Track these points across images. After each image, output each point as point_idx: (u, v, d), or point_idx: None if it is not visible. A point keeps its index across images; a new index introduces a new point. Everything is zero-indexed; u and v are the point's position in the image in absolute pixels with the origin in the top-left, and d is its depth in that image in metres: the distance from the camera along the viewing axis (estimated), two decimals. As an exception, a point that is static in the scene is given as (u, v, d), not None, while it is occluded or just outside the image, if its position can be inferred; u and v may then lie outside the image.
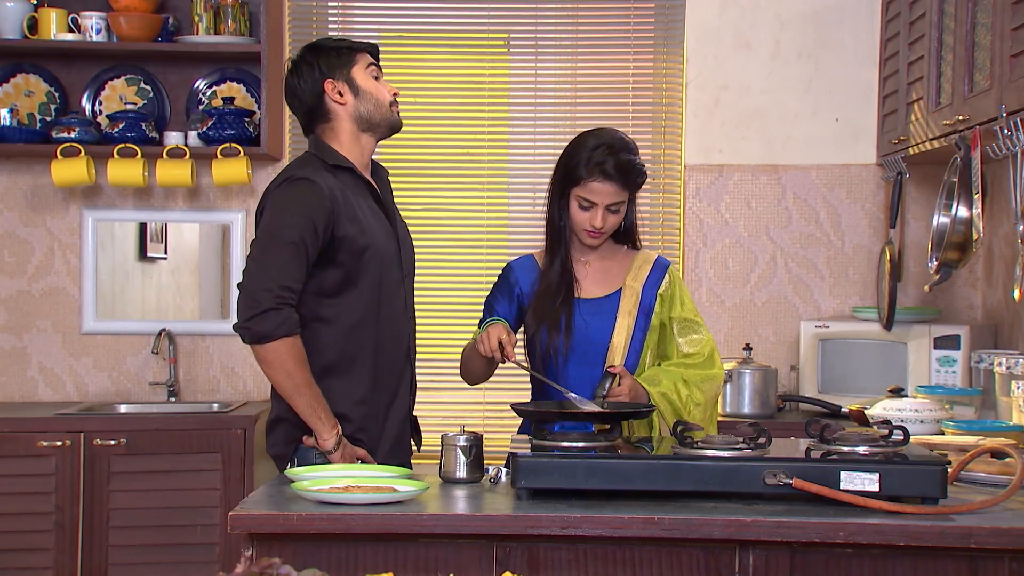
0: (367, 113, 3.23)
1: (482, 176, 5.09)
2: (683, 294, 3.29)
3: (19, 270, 5.00)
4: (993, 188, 3.93)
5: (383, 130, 3.28)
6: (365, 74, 3.24)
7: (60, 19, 4.76)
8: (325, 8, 5.06)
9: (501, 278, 3.34)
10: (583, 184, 3.16)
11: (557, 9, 5.06)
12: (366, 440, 3.18)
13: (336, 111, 3.23)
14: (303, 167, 3.18)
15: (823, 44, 4.94)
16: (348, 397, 3.16)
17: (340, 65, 3.22)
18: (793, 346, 4.90)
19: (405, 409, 3.29)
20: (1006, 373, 3.81)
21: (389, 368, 3.23)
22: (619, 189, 3.16)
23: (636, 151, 3.21)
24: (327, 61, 3.22)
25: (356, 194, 3.18)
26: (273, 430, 3.21)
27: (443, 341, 5.04)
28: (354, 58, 3.24)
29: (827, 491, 2.57)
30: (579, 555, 2.56)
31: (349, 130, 3.24)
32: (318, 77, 3.22)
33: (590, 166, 3.14)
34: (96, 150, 4.75)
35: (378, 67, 3.30)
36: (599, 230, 3.19)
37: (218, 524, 4.39)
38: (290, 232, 3.04)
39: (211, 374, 5.03)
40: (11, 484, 4.39)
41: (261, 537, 2.56)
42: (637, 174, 3.18)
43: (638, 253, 3.32)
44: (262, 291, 3.00)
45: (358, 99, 3.22)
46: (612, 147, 3.16)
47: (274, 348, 3.01)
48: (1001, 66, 3.32)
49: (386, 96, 3.25)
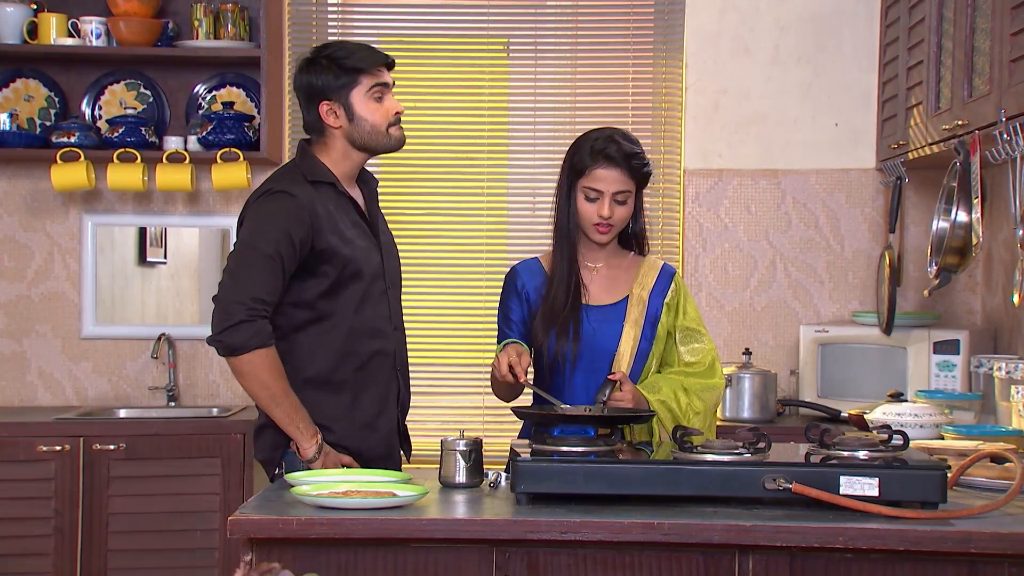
0: (360, 138, 3.20)
1: (481, 182, 5.09)
2: (687, 303, 3.29)
3: (19, 275, 5.00)
4: (992, 193, 3.93)
5: (382, 151, 3.27)
6: (365, 98, 3.19)
7: (60, 24, 4.77)
8: (325, 13, 5.06)
9: (507, 283, 3.32)
10: (588, 173, 3.16)
11: (557, 14, 5.07)
12: (351, 452, 3.18)
13: (330, 130, 3.21)
14: (283, 179, 3.17)
15: (822, 49, 4.94)
16: (330, 410, 3.16)
17: (339, 87, 3.17)
18: (793, 351, 4.90)
19: (393, 422, 3.29)
20: (1005, 378, 3.81)
21: (374, 381, 3.22)
22: (624, 176, 3.16)
23: (639, 144, 3.22)
24: (326, 80, 3.17)
25: (337, 207, 3.17)
26: (260, 435, 3.21)
27: (442, 347, 5.05)
28: (356, 80, 3.17)
29: (827, 496, 2.57)
30: (579, 560, 2.56)
31: (341, 147, 3.22)
32: (314, 95, 3.19)
33: (594, 153, 3.16)
34: (96, 155, 4.75)
35: (387, 85, 3.22)
36: (607, 220, 3.17)
37: (217, 529, 4.38)
38: (266, 245, 3.04)
39: (211, 379, 5.03)
40: (10, 489, 4.38)
41: (260, 542, 2.56)
42: (641, 164, 3.19)
43: (644, 259, 3.31)
44: (235, 303, 3.00)
45: (353, 124, 3.19)
46: (616, 136, 3.19)
47: (248, 360, 3.01)
48: (1000, 71, 3.32)
49: (382, 121, 3.20)
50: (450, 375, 5.01)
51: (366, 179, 3.36)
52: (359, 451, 3.18)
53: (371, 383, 3.21)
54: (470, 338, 4.99)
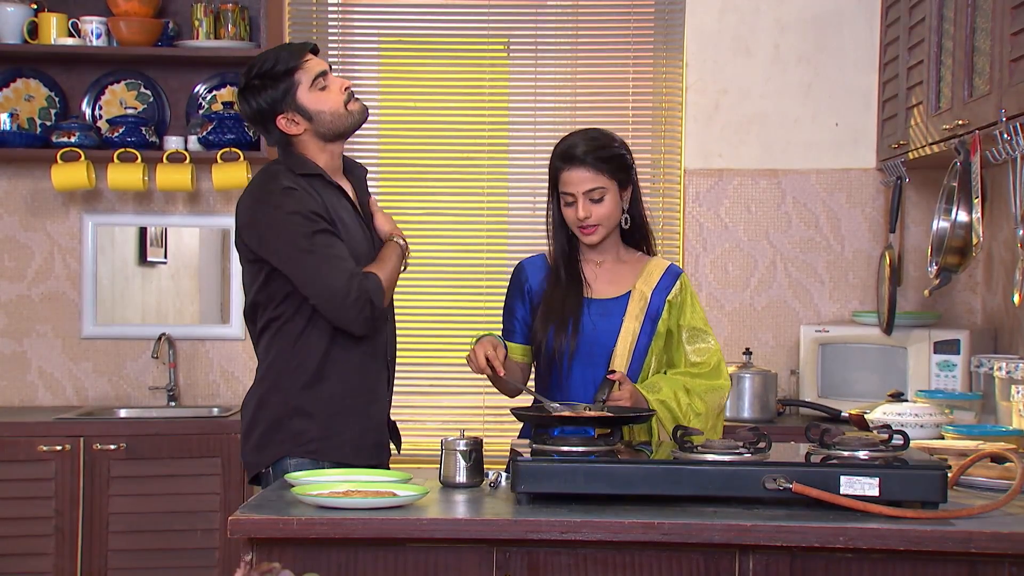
0: (326, 129, 3.20)
1: (482, 181, 5.09)
2: (694, 302, 3.28)
3: (19, 274, 5.00)
4: (993, 193, 3.94)
5: (348, 133, 3.26)
6: (310, 93, 3.17)
7: (60, 24, 4.77)
8: (325, 12, 5.06)
9: (513, 278, 3.34)
10: (560, 178, 3.17)
11: (557, 14, 5.07)
12: (344, 439, 3.18)
13: (296, 136, 3.20)
14: (275, 178, 3.16)
15: (823, 49, 4.94)
16: (324, 398, 3.17)
17: (283, 95, 3.15)
18: (793, 350, 4.90)
19: (384, 412, 3.31)
20: (1006, 377, 3.81)
21: (367, 370, 3.23)
22: (592, 173, 3.14)
23: (615, 140, 3.20)
24: (268, 97, 3.16)
25: (328, 198, 3.18)
26: (248, 438, 3.24)
27: (442, 347, 5.05)
28: (294, 80, 3.16)
29: (827, 496, 2.57)
30: (579, 560, 2.56)
31: (314, 145, 3.22)
32: (267, 115, 3.17)
33: (560, 156, 3.17)
34: (96, 155, 4.75)
35: (324, 72, 3.19)
36: (586, 222, 3.17)
37: (218, 529, 4.39)
38: (308, 228, 3.06)
39: (211, 379, 5.03)
40: (11, 489, 4.38)
41: (261, 542, 2.56)
42: (608, 156, 3.16)
43: (651, 259, 3.31)
44: (338, 295, 3.05)
45: (314, 122, 3.18)
46: (582, 135, 3.19)
47: (388, 296, 3.14)
48: (1001, 71, 3.32)
49: (338, 104, 3.19)
50: (450, 375, 5.01)
51: (352, 168, 3.36)
52: (350, 441, 3.19)
53: (364, 372, 3.21)
54: (471, 338, 4.97)
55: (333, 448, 3.17)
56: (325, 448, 3.16)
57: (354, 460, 3.14)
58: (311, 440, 3.16)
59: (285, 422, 3.17)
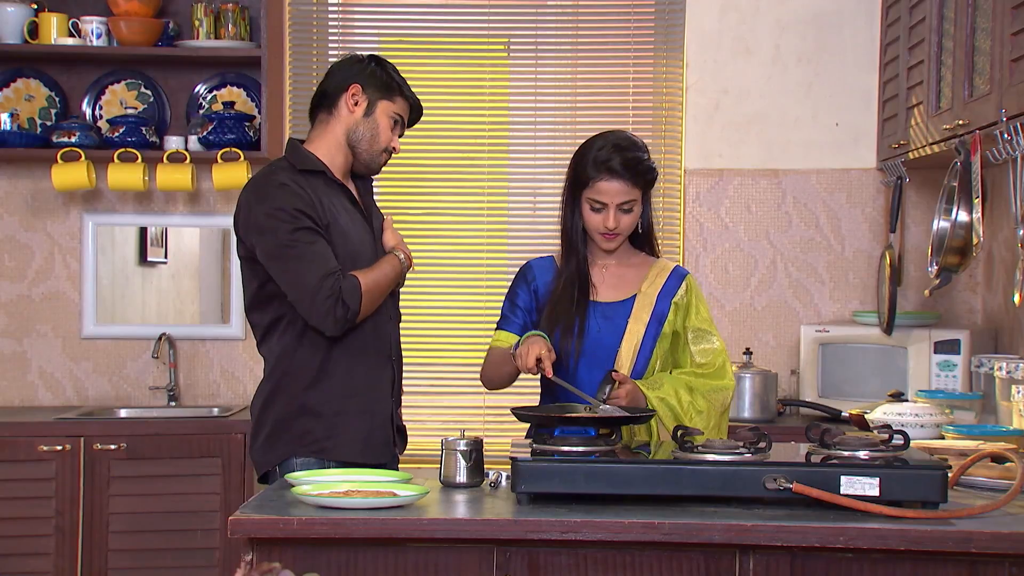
0: (358, 138, 3.25)
1: (482, 181, 5.09)
2: (699, 303, 3.29)
3: (19, 274, 5.00)
4: (993, 192, 3.93)
5: (360, 164, 3.30)
6: (386, 114, 3.26)
7: (60, 24, 4.77)
8: (325, 13, 5.06)
9: (519, 275, 3.35)
10: (592, 185, 3.17)
11: (557, 14, 5.07)
12: (350, 438, 3.19)
13: (340, 111, 3.24)
14: (273, 174, 3.19)
15: (823, 48, 4.94)
16: (328, 397, 3.18)
17: (378, 87, 3.24)
18: (793, 350, 4.90)
19: (388, 411, 3.30)
20: (1006, 377, 3.81)
21: (371, 368, 3.24)
22: (628, 187, 3.17)
23: (644, 149, 3.24)
24: (372, 75, 3.24)
25: (328, 195, 3.20)
26: (256, 437, 3.25)
27: (443, 346, 5.05)
28: (393, 97, 3.26)
29: (827, 495, 2.57)
30: (579, 560, 2.56)
31: (336, 137, 3.25)
32: (352, 77, 3.24)
33: (596, 165, 3.17)
34: (96, 155, 4.75)
35: (403, 124, 3.30)
36: (613, 231, 3.19)
37: (218, 529, 4.39)
38: (293, 223, 3.07)
39: (211, 378, 5.03)
40: (11, 489, 4.38)
41: (261, 542, 2.56)
42: (645, 170, 3.20)
43: (656, 261, 3.33)
44: (314, 296, 3.05)
45: (363, 120, 3.24)
46: (618, 145, 3.19)
47: (365, 308, 3.11)
48: (1001, 70, 3.32)
49: (383, 142, 3.27)
50: (451, 375, 5.01)
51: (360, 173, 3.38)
52: (356, 439, 3.19)
53: (367, 370, 3.22)
54: (471, 338, 4.99)
55: (339, 447, 3.18)
56: (331, 447, 3.17)
57: (361, 458, 3.14)
58: (316, 439, 3.17)
59: (291, 421, 3.18)
